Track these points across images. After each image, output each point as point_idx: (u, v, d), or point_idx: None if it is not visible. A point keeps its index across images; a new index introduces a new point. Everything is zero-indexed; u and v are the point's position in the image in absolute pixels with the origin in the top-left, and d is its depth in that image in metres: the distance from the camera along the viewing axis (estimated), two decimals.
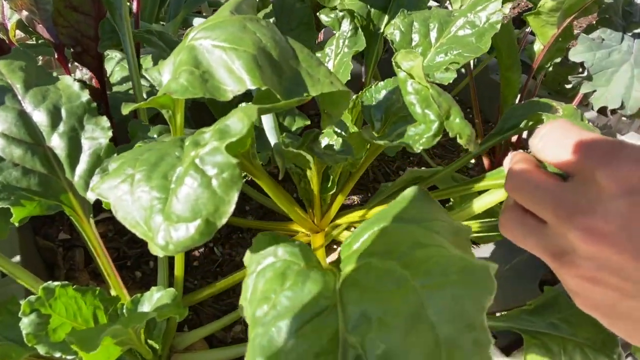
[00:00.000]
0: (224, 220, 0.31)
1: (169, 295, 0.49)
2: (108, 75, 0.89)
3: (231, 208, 0.31)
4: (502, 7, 0.69)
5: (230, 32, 0.39)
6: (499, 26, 0.69)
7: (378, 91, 0.67)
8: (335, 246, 0.75)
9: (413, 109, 0.50)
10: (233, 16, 0.42)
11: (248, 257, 0.40)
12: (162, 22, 1.04)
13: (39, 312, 0.47)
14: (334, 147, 0.67)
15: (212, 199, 0.31)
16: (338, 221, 0.71)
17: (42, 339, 0.47)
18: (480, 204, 0.53)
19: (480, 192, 0.56)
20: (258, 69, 0.37)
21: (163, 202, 0.33)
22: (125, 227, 0.34)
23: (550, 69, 0.92)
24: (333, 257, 0.74)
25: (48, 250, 0.76)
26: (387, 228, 0.38)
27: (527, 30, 1.11)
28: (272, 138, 0.63)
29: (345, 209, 0.74)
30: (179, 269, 0.55)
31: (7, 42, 0.80)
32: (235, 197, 0.31)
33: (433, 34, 0.73)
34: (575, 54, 0.80)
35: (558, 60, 0.90)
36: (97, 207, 0.64)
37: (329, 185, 0.68)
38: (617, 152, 0.31)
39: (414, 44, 0.73)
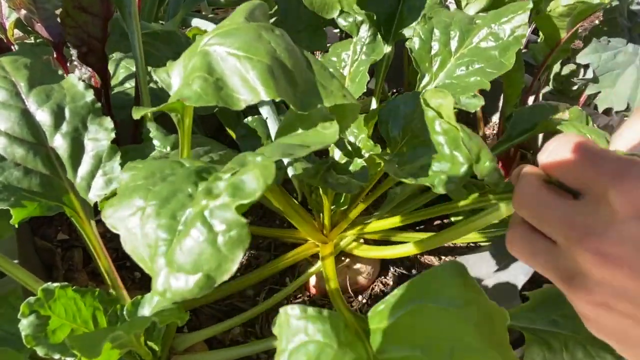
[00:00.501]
0: (226, 277, 0.30)
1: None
2: (112, 75, 0.89)
3: (235, 266, 0.30)
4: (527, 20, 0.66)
5: (245, 41, 0.39)
6: (524, 41, 0.65)
7: (396, 106, 0.65)
8: (342, 257, 0.75)
9: (441, 149, 0.49)
10: (248, 23, 0.41)
11: (277, 329, 0.39)
12: (161, 22, 1.03)
13: (38, 313, 0.47)
14: (347, 166, 0.65)
15: (216, 257, 0.30)
16: (348, 233, 0.71)
17: (41, 341, 0.46)
18: (486, 220, 0.52)
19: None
20: (272, 79, 0.37)
21: (168, 244, 0.32)
22: None
23: (555, 69, 0.92)
24: (341, 271, 0.74)
25: (46, 251, 0.76)
26: (424, 310, 0.37)
27: (530, 29, 1.11)
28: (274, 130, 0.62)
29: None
30: None
31: (5, 41, 0.79)
32: (240, 256, 0.30)
33: (454, 43, 0.70)
34: (582, 56, 0.80)
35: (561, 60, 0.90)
36: (97, 208, 0.63)
37: (341, 201, 0.67)
38: (629, 170, 0.30)
39: (433, 52, 0.71)
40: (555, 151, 0.34)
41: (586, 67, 1.07)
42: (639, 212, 0.28)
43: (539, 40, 0.90)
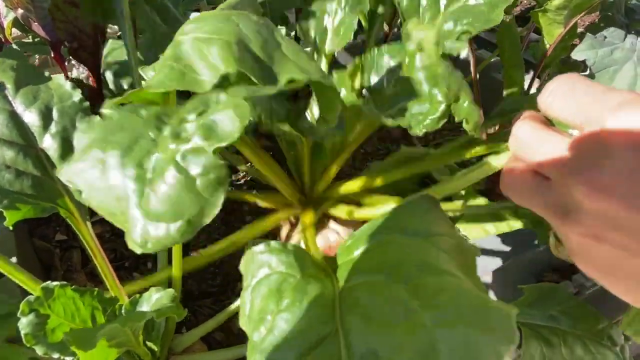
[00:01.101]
0: (208, 221, 0.29)
1: (168, 296, 0.48)
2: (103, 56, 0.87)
3: (217, 210, 0.29)
4: None
5: (213, 25, 0.38)
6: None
7: (381, 55, 0.62)
8: (326, 220, 0.71)
9: (419, 87, 0.47)
10: (221, 11, 0.41)
11: (243, 267, 0.38)
12: None
13: (38, 312, 0.47)
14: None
15: (197, 201, 0.29)
16: (329, 193, 0.68)
17: (41, 339, 0.46)
18: (473, 176, 0.50)
19: None
20: (232, 54, 0.36)
21: (140, 194, 0.31)
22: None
23: (553, 67, 0.92)
24: (324, 235, 0.71)
25: (45, 252, 0.75)
26: (392, 240, 0.36)
27: (530, 28, 1.11)
28: None
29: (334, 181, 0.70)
30: (176, 270, 0.54)
31: (3, 40, 0.79)
32: (221, 198, 0.29)
33: (443, 1, 0.67)
34: (578, 52, 0.79)
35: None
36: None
37: (321, 158, 0.64)
38: (625, 106, 0.29)
39: (421, 8, 0.67)
40: (556, 89, 0.34)
41: (585, 64, 1.07)
42: (631, 144, 0.28)
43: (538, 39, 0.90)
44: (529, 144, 0.35)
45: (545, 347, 0.53)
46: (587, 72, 0.81)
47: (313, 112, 0.62)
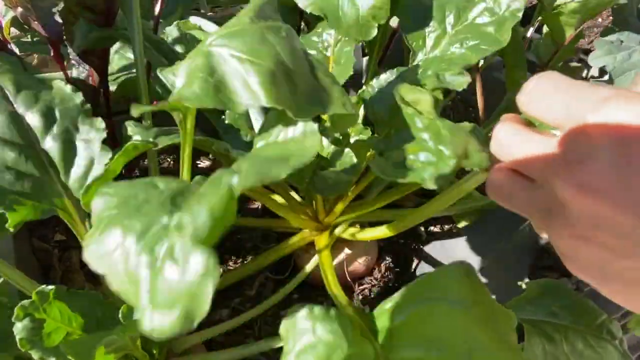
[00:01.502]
0: (203, 313, 0.30)
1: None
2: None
3: (207, 300, 0.30)
4: None
5: (249, 43, 0.38)
6: (520, 15, 0.63)
7: (380, 85, 0.62)
8: (340, 244, 0.74)
9: (426, 145, 0.46)
10: (253, 24, 0.41)
11: (284, 329, 0.39)
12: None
13: (33, 316, 0.46)
14: (334, 159, 0.62)
15: (187, 293, 0.30)
16: (342, 218, 0.69)
17: (36, 344, 0.46)
18: (466, 186, 0.50)
19: None
20: (274, 86, 0.36)
21: (151, 281, 0.32)
22: None
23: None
24: (339, 258, 0.73)
25: (43, 252, 0.75)
26: (434, 309, 0.37)
27: (532, 28, 1.10)
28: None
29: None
30: None
31: (2, 39, 0.78)
32: (211, 289, 0.30)
33: (449, 20, 0.66)
34: (595, 59, 0.79)
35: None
36: None
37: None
38: (608, 102, 0.28)
39: (427, 30, 0.67)
40: (534, 89, 0.33)
41: (588, 66, 1.06)
42: (614, 139, 0.27)
43: (541, 39, 0.89)
44: (510, 145, 0.34)
45: (547, 343, 0.53)
46: (607, 78, 0.80)
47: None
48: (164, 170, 0.96)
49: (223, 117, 0.69)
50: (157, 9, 0.75)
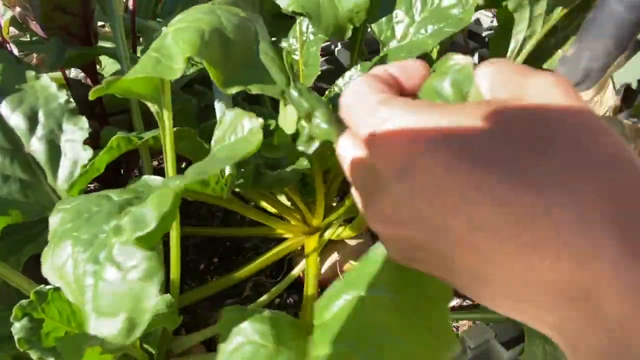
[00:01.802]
0: (147, 318, 0.30)
1: (165, 302, 0.47)
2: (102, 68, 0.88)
3: (151, 302, 0.30)
4: None
5: (195, 15, 0.38)
6: None
7: (346, 82, 0.62)
8: (331, 244, 0.73)
9: None
10: (211, 5, 0.41)
11: (221, 328, 0.38)
12: (158, 19, 1.02)
13: (31, 316, 0.46)
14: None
15: (130, 295, 0.30)
16: (329, 219, 0.69)
17: (35, 344, 0.45)
18: None
19: None
20: (200, 40, 0.36)
21: (94, 289, 0.32)
22: None
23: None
24: (331, 260, 0.72)
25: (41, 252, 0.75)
26: (358, 301, 0.35)
27: None
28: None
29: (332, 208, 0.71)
30: (174, 272, 0.54)
31: (0, 39, 0.78)
32: (155, 290, 0.30)
33: (417, 7, 0.65)
34: None
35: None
36: None
37: (309, 191, 0.65)
38: (383, 126, 0.26)
39: (394, 20, 0.66)
40: (347, 97, 0.30)
41: None
42: (398, 172, 0.25)
43: None
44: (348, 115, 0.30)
45: (547, 343, 0.52)
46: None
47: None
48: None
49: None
50: (130, 3, 0.75)
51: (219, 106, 0.56)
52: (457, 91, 0.29)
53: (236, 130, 0.42)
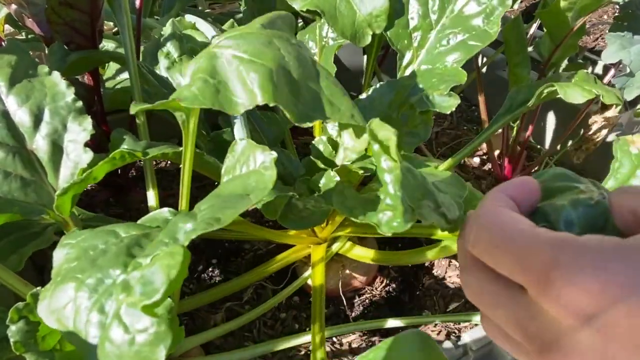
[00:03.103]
0: None
1: (165, 307, 0.46)
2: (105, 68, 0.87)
3: None
4: None
5: (254, 45, 0.38)
6: (509, 2, 0.59)
7: (372, 98, 0.60)
8: (337, 257, 0.72)
9: (386, 187, 0.42)
10: (262, 30, 0.40)
11: None
12: (156, 17, 1.01)
13: (27, 319, 0.45)
14: (318, 180, 0.57)
15: (137, 358, 0.29)
16: (338, 233, 0.68)
17: (31, 347, 0.44)
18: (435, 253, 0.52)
19: None
20: (273, 85, 0.36)
21: (101, 341, 0.31)
22: None
23: (563, 66, 0.90)
24: (335, 271, 0.72)
25: (38, 252, 0.74)
26: None
27: (535, 25, 1.09)
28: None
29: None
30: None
31: None
32: (162, 354, 0.29)
33: (433, 13, 0.63)
34: (609, 55, 0.77)
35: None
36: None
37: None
38: (552, 272, 0.25)
39: (411, 26, 0.64)
40: (477, 241, 0.29)
41: (594, 63, 1.05)
42: (580, 320, 0.24)
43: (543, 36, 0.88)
44: (482, 299, 0.29)
45: None
46: (628, 72, 0.79)
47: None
48: (161, 170, 0.95)
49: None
50: (137, 2, 0.73)
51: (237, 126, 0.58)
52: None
53: (248, 162, 0.41)
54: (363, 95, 0.63)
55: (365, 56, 1.02)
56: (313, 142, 0.60)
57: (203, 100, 0.35)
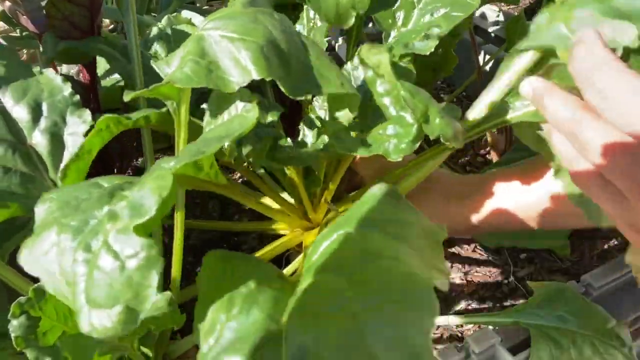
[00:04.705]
0: (147, 306, 0.29)
1: (166, 299, 0.47)
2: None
3: (152, 291, 0.29)
4: None
5: (240, 24, 0.38)
6: None
7: (355, 68, 0.58)
8: None
9: (387, 111, 0.45)
10: (245, 9, 0.41)
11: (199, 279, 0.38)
12: (153, 14, 1.01)
13: (29, 314, 0.45)
14: (309, 140, 0.58)
15: (129, 285, 0.29)
16: (328, 217, 0.67)
17: (32, 343, 0.45)
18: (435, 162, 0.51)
19: None
20: (265, 59, 0.36)
21: (87, 278, 0.30)
22: None
23: None
24: None
25: None
26: (348, 236, 0.34)
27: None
28: None
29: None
30: (176, 270, 0.53)
31: None
32: (155, 279, 0.29)
33: None
34: None
35: None
36: None
37: (314, 180, 0.63)
38: None
39: (395, 6, 0.64)
40: (608, 89, 0.30)
41: None
42: None
43: None
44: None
45: (554, 348, 0.52)
46: None
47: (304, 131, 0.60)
48: None
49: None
50: None
51: None
52: None
53: (229, 110, 0.41)
54: (346, 67, 0.61)
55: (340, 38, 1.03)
56: (301, 122, 0.60)
57: (197, 80, 0.36)
